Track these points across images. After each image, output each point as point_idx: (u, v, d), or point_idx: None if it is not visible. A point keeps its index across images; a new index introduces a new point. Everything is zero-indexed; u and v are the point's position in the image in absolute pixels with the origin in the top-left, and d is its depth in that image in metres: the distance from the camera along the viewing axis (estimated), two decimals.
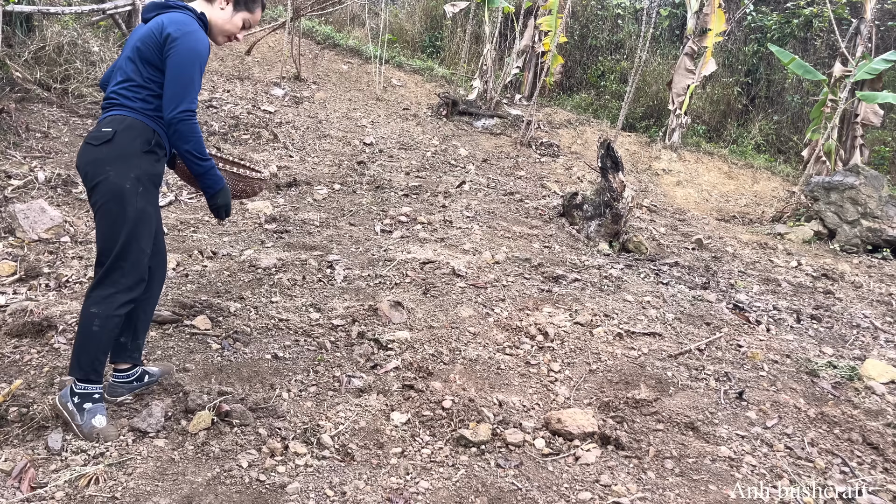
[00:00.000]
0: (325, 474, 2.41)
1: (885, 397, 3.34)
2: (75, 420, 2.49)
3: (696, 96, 10.98)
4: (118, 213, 2.46)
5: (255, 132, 7.27)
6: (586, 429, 2.77)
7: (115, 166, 2.45)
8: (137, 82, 2.50)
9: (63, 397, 2.54)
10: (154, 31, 2.48)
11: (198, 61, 2.47)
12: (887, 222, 6.89)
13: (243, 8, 2.65)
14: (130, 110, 2.50)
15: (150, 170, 2.53)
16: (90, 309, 2.48)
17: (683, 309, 4.31)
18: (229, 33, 2.68)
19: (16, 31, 6.71)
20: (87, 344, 2.48)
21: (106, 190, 2.45)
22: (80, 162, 2.54)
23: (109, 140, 2.45)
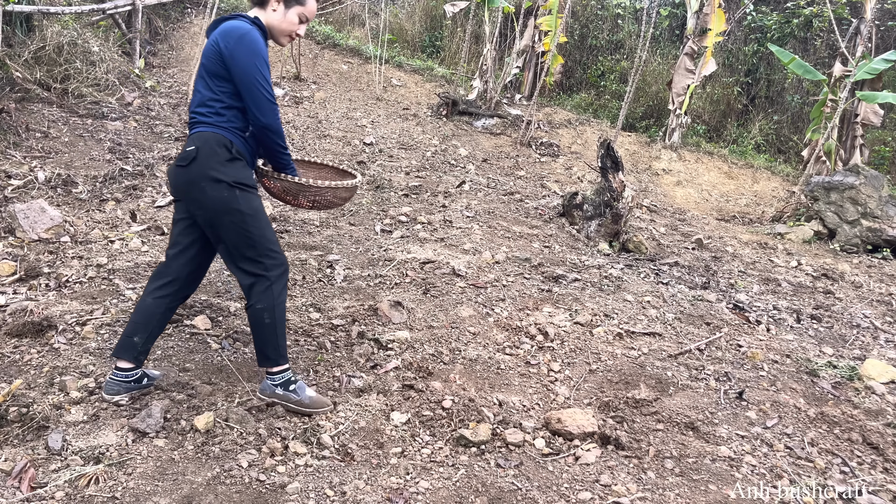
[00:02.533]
0: (325, 474, 2.41)
1: (885, 397, 3.34)
2: (292, 400, 2.72)
3: (696, 96, 10.98)
4: (235, 220, 2.59)
5: None
6: (586, 429, 2.77)
7: (207, 181, 2.57)
8: (209, 97, 2.62)
9: (266, 389, 2.75)
10: (214, 45, 2.58)
11: (258, 58, 2.56)
12: (887, 222, 6.89)
13: (295, 3, 2.71)
14: (207, 125, 2.61)
15: (238, 175, 2.62)
16: (256, 306, 2.65)
17: (683, 309, 4.31)
18: (289, 32, 2.75)
19: (16, 30, 6.71)
20: (267, 336, 2.68)
21: (210, 205, 2.58)
22: (174, 184, 2.68)
23: (195, 158, 2.57)
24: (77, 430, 2.51)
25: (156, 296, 2.75)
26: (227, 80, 2.59)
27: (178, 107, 7.70)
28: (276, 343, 2.70)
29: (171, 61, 9.53)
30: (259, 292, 2.65)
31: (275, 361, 2.72)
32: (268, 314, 2.65)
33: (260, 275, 2.66)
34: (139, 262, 4.10)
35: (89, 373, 2.89)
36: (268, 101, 2.58)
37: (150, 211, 5.04)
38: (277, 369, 2.73)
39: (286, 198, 2.88)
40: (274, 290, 2.66)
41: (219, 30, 2.61)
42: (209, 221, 2.62)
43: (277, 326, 2.69)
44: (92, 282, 3.83)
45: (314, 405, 2.75)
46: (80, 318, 3.36)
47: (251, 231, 2.62)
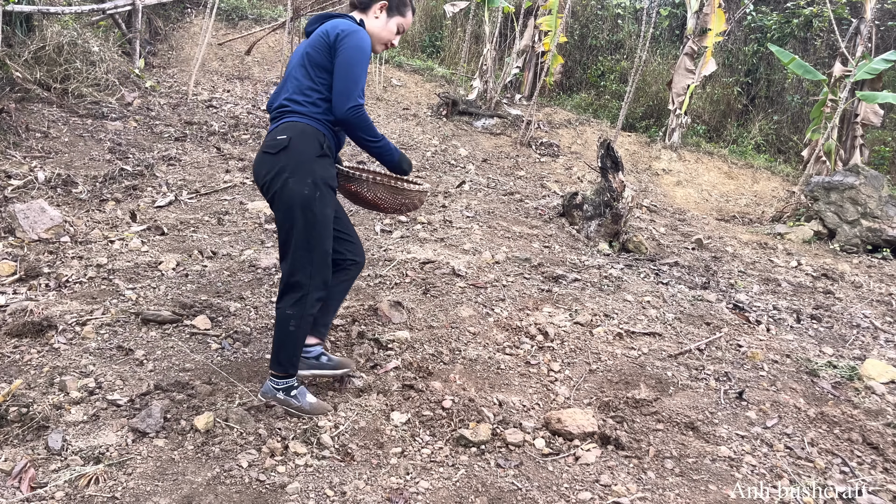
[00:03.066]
0: (325, 474, 2.41)
1: (885, 397, 3.34)
2: (292, 405, 2.72)
3: (696, 96, 10.98)
4: (301, 219, 2.57)
5: (256, 132, 7.26)
6: (586, 429, 2.77)
7: (293, 173, 2.55)
8: (308, 85, 2.62)
9: (268, 392, 2.73)
10: (322, 36, 2.60)
11: (364, 59, 2.58)
12: (887, 222, 6.89)
13: (396, 13, 2.76)
14: (302, 115, 2.60)
15: (324, 174, 2.62)
16: (286, 311, 2.63)
17: (683, 309, 4.31)
18: (386, 40, 2.79)
19: (16, 31, 6.71)
20: (286, 342, 2.66)
21: (287, 197, 2.56)
22: (259, 171, 2.65)
23: (286, 147, 2.55)
24: (77, 430, 2.51)
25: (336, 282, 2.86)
26: (329, 71, 2.59)
27: (178, 107, 7.70)
28: (292, 352, 2.69)
29: (171, 61, 9.54)
30: (293, 298, 2.63)
31: (284, 370, 2.71)
32: (294, 322, 2.64)
33: (300, 283, 2.63)
34: (139, 262, 4.10)
35: (89, 373, 2.89)
36: (350, 96, 2.54)
37: (150, 211, 5.04)
38: (283, 376, 2.73)
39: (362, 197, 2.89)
40: (307, 301, 2.65)
41: (329, 24, 2.63)
42: (280, 209, 2.61)
43: (299, 337, 2.68)
44: (92, 282, 3.83)
45: (314, 411, 2.74)
46: (80, 318, 3.36)
47: (313, 236, 2.61)
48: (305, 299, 2.64)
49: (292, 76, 2.69)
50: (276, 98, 2.76)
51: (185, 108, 7.71)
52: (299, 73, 2.65)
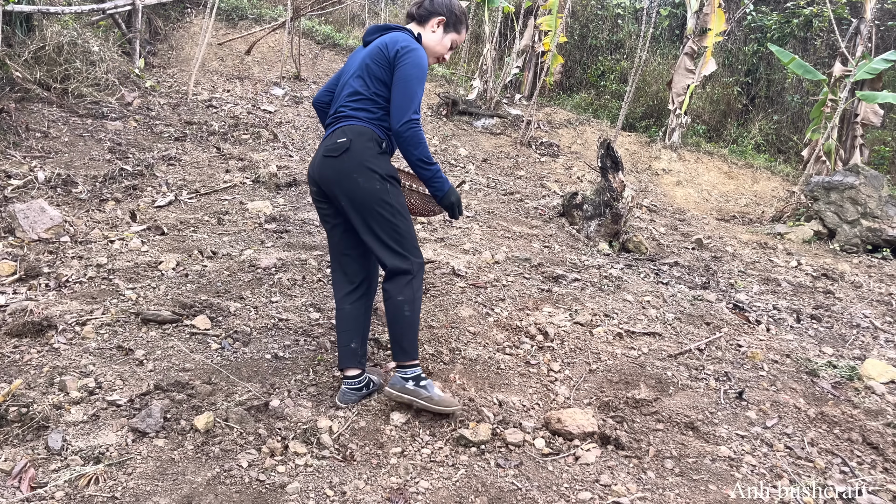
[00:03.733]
0: (325, 474, 2.41)
1: (885, 397, 3.34)
2: (422, 396, 2.71)
3: (696, 96, 10.98)
4: (383, 212, 2.66)
5: (255, 132, 7.27)
6: (586, 429, 2.77)
7: (360, 172, 2.63)
8: (365, 96, 2.70)
9: (396, 384, 2.75)
10: (383, 49, 2.67)
11: (422, 76, 2.65)
12: (887, 222, 6.89)
13: (452, 30, 2.85)
14: (358, 119, 2.69)
15: (388, 169, 2.71)
16: (397, 298, 2.69)
17: (683, 309, 4.31)
18: (439, 54, 2.87)
19: (16, 30, 6.71)
20: (405, 329, 2.72)
21: (362, 196, 2.64)
22: (324, 175, 2.72)
23: (348, 149, 2.63)
24: (77, 430, 2.51)
25: (352, 301, 2.88)
26: (386, 85, 2.68)
27: (178, 107, 7.70)
28: (412, 336, 2.75)
29: (171, 61, 9.53)
30: (401, 285, 2.70)
31: (410, 355, 2.76)
32: (408, 307, 2.70)
33: (403, 269, 2.71)
34: (139, 262, 4.10)
35: (89, 373, 2.89)
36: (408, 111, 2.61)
37: (150, 211, 5.04)
38: (411, 363, 2.77)
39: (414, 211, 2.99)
40: (414, 284, 2.72)
41: (389, 37, 2.70)
42: (359, 211, 2.68)
43: (415, 320, 2.75)
44: (92, 282, 3.83)
45: (444, 403, 2.75)
46: (80, 318, 3.36)
47: (399, 225, 2.69)
48: (413, 282, 2.72)
49: (349, 84, 2.76)
50: (322, 101, 2.87)
51: (185, 107, 7.71)
52: (357, 82, 2.73)
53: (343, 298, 2.88)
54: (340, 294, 2.89)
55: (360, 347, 2.87)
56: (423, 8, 2.86)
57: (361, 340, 2.88)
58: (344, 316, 2.87)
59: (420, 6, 2.87)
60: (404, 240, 2.71)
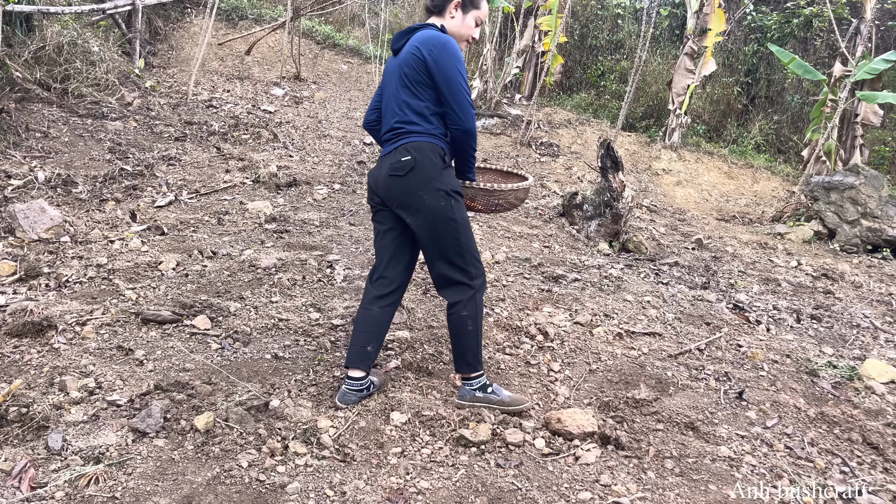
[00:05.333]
0: (325, 474, 2.41)
1: (885, 397, 3.34)
2: (493, 401, 2.84)
3: (696, 96, 10.98)
4: (449, 228, 2.70)
5: (255, 132, 7.27)
6: (586, 429, 2.77)
7: (426, 190, 2.66)
8: (416, 106, 2.70)
9: (465, 395, 2.86)
10: (415, 53, 2.67)
11: (462, 66, 2.66)
12: (887, 222, 6.89)
13: (471, 7, 2.81)
14: (419, 135, 2.70)
15: (451, 183, 2.74)
16: (461, 313, 2.76)
17: (683, 309, 4.31)
18: (466, 37, 2.85)
19: (16, 30, 6.71)
20: (468, 342, 2.80)
21: (428, 213, 2.68)
22: (389, 193, 2.74)
23: (413, 168, 2.66)
24: (77, 430, 2.51)
25: (382, 305, 2.88)
26: (430, 87, 2.68)
27: (178, 107, 7.70)
28: (476, 350, 2.81)
29: (171, 61, 9.53)
30: (464, 300, 2.76)
31: (474, 367, 2.83)
32: (471, 321, 2.76)
33: (465, 283, 2.76)
34: (139, 262, 4.10)
35: (89, 373, 2.89)
36: (469, 106, 2.66)
37: (150, 211, 5.04)
38: (475, 374, 2.83)
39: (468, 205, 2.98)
40: (477, 298, 2.78)
41: (417, 39, 2.69)
42: (424, 228, 2.71)
43: (478, 334, 2.80)
44: (92, 282, 3.83)
45: (514, 403, 2.85)
46: (80, 318, 3.36)
47: (461, 240, 2.73)
48: (475, 297, 2.77)
49: (396, 97, 2.75)
50: (384, 120, 2.84)
51: (185, 108, 7.71)
52: (403, 93, 2.72)
53: (375, 300, 2.88)
54: (373, 296, 2.89)
55: (374, 352, 2.89)
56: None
57: (377, 345, 2.90)
58: (370, 318, 2.87)
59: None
60: (467, 255, 2.76)
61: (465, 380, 2.87)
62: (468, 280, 2.77)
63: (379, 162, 2.83)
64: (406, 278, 2.94)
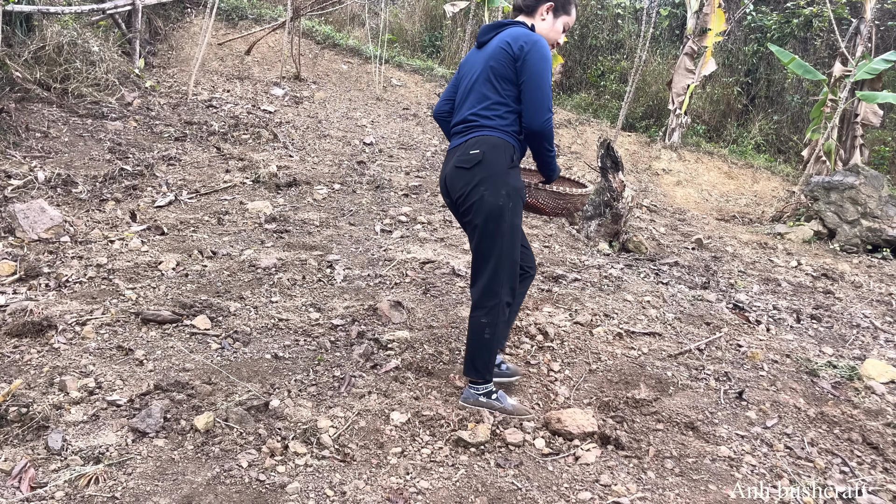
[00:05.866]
0: (325, 474, 2.41)
1: (885, 397, 3.34)
2: (496, 407, 2.83)
3: (696, 96, 10.98)
4: (496, 230, 2.67)
5: (255, 132, 7.27)
6: (586, 429, 2.77)
7: (488, 186, 2.64)
8: (495, 100, 2.67)
9: (469, 398, 2.85)
10: (504, 48, 2.63)
11: (549, 69, 2.64)
12: (887, 222, 6.89)
13: (563, 12, 2.80)
14: (492, 129, 2.67)
15: (516, 185, 2.71)
16: (481, 319, 2.75)
17: (683, 309, 4.31)
18: (553, 41, 2.83)
19: (16, 30, 6.71)
20: (482, 350, 2.78)
21: (483, 210, 2.65)
22: (454, 185, 2.74)
23: (480, 161, 2.63)
24: (77, 430, 2.51)
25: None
26: (514, 84, 2.65)
27: (178, 107, 7.70)
28: (487, 359, 2.80)
29: (171, 61, 9.53)
30: (488, 307, 2.74)
31: (482, 376, 2.82)
32: (489, 330, 2.74)
33: (495, 291, 2.73)
34: (139, 262, 4.10)
35: (89, 373, 2.89)
36: (547, 109, 2.62)
37: (150, 211, 5.04)
38: (483, 382, 2.84)
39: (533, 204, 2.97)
40: (500, 309, 2.75)
41: (508, 34, 2.66)
42: (475, 223, 2.70)
43: (494, 345, 2.79)
44: (92, 282, 3.83)
45: (517, 412, 2.85)
46: (80, 318, 3.36)
47: (505, 245, 2.70)
48: (498, 307, 2.74)
49: (476, 90, 2.73)
50: (458, 111, 2.82)
51: (185, 108, 7.71)
52: (485, 87, 2.69)
53: None
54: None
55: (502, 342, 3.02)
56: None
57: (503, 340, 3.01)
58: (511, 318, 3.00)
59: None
60: (506, 261, 2.72)
61: (471, 383, 2.87)
62: (498, 287, 2.74)
63: (447, 156, 2.84)
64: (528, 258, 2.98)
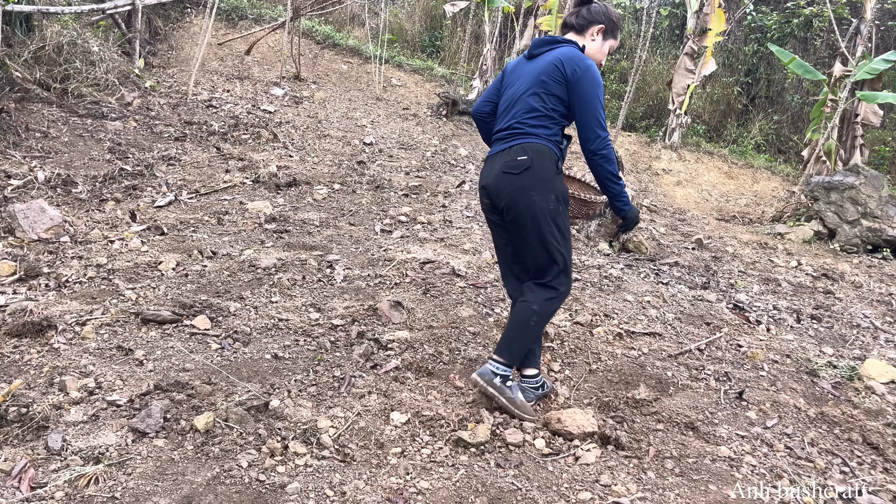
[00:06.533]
0: (325, 474, 2.41)
1: (885, 397, 3.34)
2: (505, 395, 2.81)
3: (696, 96, 10.98)
4: (551, 232, 2.75)
5: (255, 132, 7.26)
6: (586, 429, 2.76)
7: (538, 191, 2.72)
8: (542, 112, 2.75)
9: (486, 374, 2.81)
10: (559, 66, 2.72)
11: (602, 91, 2.74)
12: (887, 222, 6.89)
13: (611, 36, 2.91)
14: (537, 137, 2.75)
15: (563, 189, 2.80)
16: (532, 306, 2.77)
17: (683, 309, 4.31)
18: (598, 61, 2.92)
19: (16, 30, 6.71)
20: (522, 335, 2.81)
21: (535, 214, 2.73)
22: (501, 190, 2.79)
23: (529, 167, 2.71)
24: (77, 430, 2.51)
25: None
26: (562, 101, 2.74)
27: (178, 107, 7.70)
28: (524, 345, 2.84)
29: (171, 61, 9.53)
30: (540, 298, 2.78)
31: (512, 358, 2.84)
32: (536, 318, 2.78)
33: (550, 286, 2.80)
34: (139, 262, 4.10)
35: (89, 373, 2.89)
36: (601, 129, 2.71)
37: (150, 211, 5.04)
38: (506, 364, 2.83)
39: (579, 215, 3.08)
40: (554, 304, 2.81)
41: (561, 53, 2.74)
42: (527, 227, 2.76)
43: (536, 335, 2.85)
44: (92, 282, 3.83)
45: (524, 410, 2.84)
46: (80, 318, 3.36)
47: (560, 247, 2.78)
48: (552, 303, 2.80)
49: (523, 100, 2.80)
50: (502, 118, 2.89)
51: (184, 108, 7.71)
52: (533, 99, 2.77)
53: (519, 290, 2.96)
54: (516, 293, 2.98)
55: (537, 347, 2.96)
56: (582, 17, 2.88)
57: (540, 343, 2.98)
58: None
59: (578, 15, 2.89)
60: (560, 259, 2.79)
61: (495, 360, 2.85)
62: (558, 284, 2.81)
63: (489, 161, 2.89)
64: None
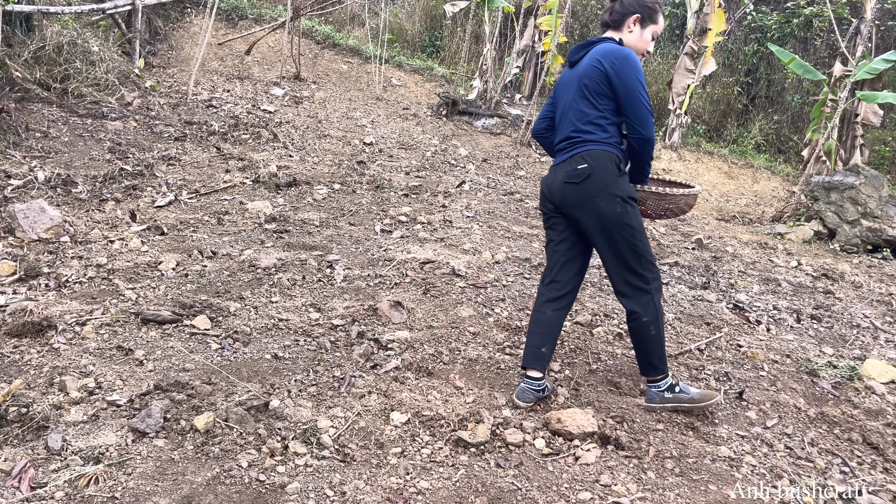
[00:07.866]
0: (325, 474, 2.41)
1: (885, 397, 3.34)
2: (683, 399, 2.89)
3: (696, 96, 10.98)
4: (625, 234, 2.77)
5: (255, 132, 7.26)
6: (586, 429, 2.77)
7: (602, 197, 2.74)
8: (594, 115, 2.78)
9: (654, 398, 2.91)
10: (595, 65, 2.74)
11: (643, 80, 2.75)
12: (887, 222, 6.89)
13: (650, 22, 2.88)
14: (595, 143, 2.77)
15: (627, 189, 2.80)
16: (642, 319, 2.81)
17: (683, 309, 4.31)
18: (643, 50, 2.91)
19: (16, 30, 6.71)
20: (653, 347, 2.85)
21: (605, 220, 2.75)
22: (564, 200, 2.84)
23: (589, 175, 2.74)
24: (77, 430, 2.51)
25: (555, 308, 2.96)
26: (610, 98, 2.75)
27: (178, 107, 7.70)
28: (660, 353, 2.86)
29: (171, 61, 9.53)
30: (643, 304, 2.81)
31: (660, 370, 2.88)
32: (654, 326, 2.80)
33: (643, 288, 2.82)
34: (139, 262, 4.10)
35: (89, 373, 2.89)
36: (649, 116, 2.74)
37: (150, 211, 5.04)
38: (661, 377, 2.89)
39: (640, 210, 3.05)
40: (655, 301, 2.82)
41: (598, 52, 2.76)
42: (601, 234, 2.79)
43: (661, 337, 2.85)
44: (92, 282, 3.83)
45: (705, 399, 2.89)
46: (80, 318, 3.36)
47: (638, 245, 2.79)
48: (653, 300, 2.82)
49: (573, 108, 2.82)
50: (559, 130, 2.92)
51: (185, 107, 7.71)
52: (582, 104, 2.80)
53: (547, 304, 2.96)
54: (546, 299, 2.97)
55: (549, 353, 2.97)
56: (616, 12, 2.88)
57: (551, 346, 2.98)
58: (545, 320, 2.95)
59: (612, 12, 2.90)
60: (643, 259, 2.81)
61: (651, 383, 2.91)
62: (646, 285, 2.82)
63: (552, 170, 2.92)
64: (578, 282, 3.01)
